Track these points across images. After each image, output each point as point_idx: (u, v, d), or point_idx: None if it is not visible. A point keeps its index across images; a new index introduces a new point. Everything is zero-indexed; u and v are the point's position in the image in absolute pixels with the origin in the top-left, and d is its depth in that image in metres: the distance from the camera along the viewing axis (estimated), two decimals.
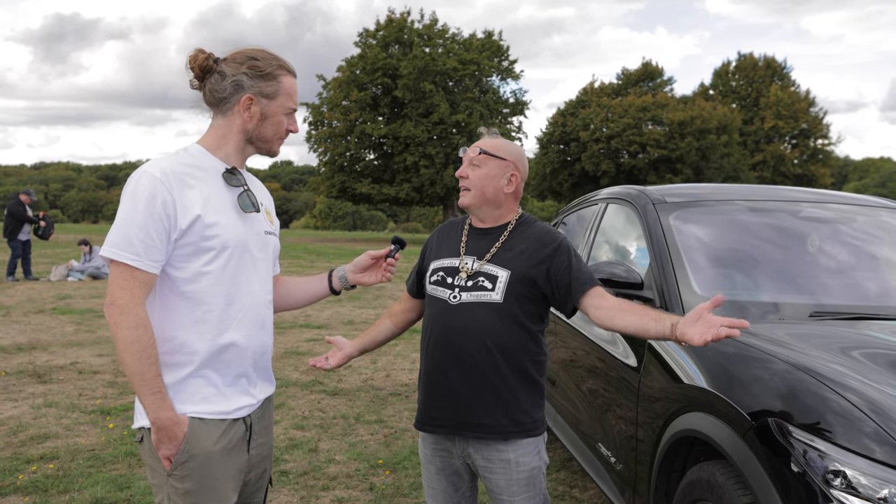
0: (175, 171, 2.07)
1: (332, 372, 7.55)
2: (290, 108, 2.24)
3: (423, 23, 45.37)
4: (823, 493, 1.99)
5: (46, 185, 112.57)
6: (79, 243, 16.56)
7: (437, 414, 2.59)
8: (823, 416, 2.12)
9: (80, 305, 12.01)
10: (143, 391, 2.00)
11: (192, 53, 2.19)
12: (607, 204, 4.50)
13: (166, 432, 2.03)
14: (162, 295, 2.09)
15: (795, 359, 2.39)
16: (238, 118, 2.19)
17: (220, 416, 2.13)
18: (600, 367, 3.68)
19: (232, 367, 2.15)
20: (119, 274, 2.00)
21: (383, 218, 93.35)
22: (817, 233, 3.61)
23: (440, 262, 2.63)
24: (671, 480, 2.85)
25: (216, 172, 2.17)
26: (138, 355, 1.98)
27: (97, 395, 6.47)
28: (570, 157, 51.26)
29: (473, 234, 2.65)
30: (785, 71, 56.68)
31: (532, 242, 2.55)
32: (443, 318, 2.54)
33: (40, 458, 4.84)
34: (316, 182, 48.31)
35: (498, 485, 2.55)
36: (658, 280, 3.31)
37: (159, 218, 2.01)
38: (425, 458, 2.74)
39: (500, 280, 2.50)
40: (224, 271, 2.12)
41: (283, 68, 2.21)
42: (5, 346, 8.54)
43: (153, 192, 2.01)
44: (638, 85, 54.64)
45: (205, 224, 2.06)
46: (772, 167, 53.20)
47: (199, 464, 2.08)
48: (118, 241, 2.00)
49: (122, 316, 1.98)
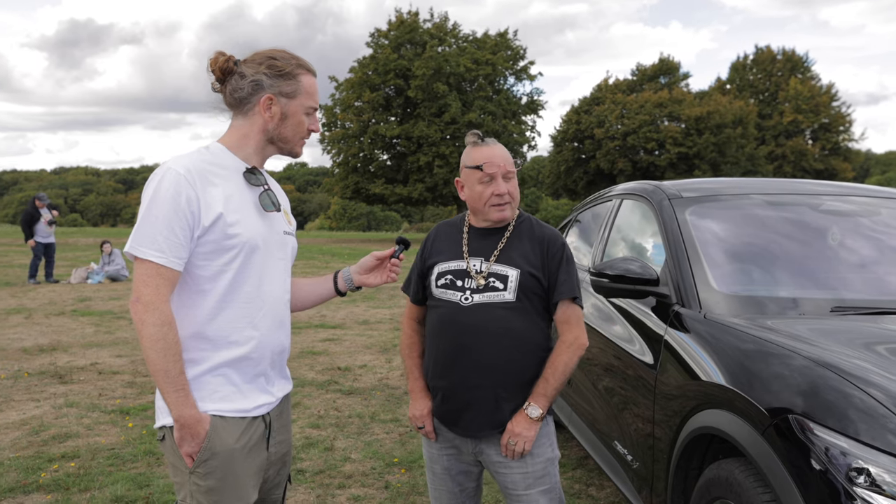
0: (198, 169, 2.07)
1: (347, 371, 7.56)
2: (310, 108, 2.24)
3: (433, 22, 45.30)
4: (846, 490, 1.95)
5: (66, 189, 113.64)
6: (101, 244, 16.73)
7: (454, 417, 2.59)
8: (846, 413, 2.08)
9: (99, 307, 12.10)
10: (166, 388, 2.00)
11: (213, 56, 2.20)
12: (622, 200, 4.46)
13: (189, 430, 2.04)
14: (182, 292, 2.09)
15: (817, 354, 2.35)
16: (259, 118, 2.19)
17: (240, 414, 2.13)
18: (616, 365, 3.65)
19: (251, 366, 2.16)
20: (144, 271, 2.00)
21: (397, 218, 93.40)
22: (838, 226, 3.55)
23: (445, 266, 2.61)
24: (689, 478, 2.81)
25: (237, 171, 2.17)
26: (163, 352, 1.98)
27: (117, 395, 6.52)
28: (584, 155, 51.06)
29: (475, 234, 2.64)
30: (806, 64, 55.95)
31: (534, 240, 2.60)
32: (456, 321, 2.53)
33: (62, 456, 4.88)
34: (330, 183, 48.40)
35: (514, 480, 2.56)
36: (674, 276, 3.28)
37: (183, 215, 2.01)
38: (431, 458, 2.73)
39: (511, 279, 2.53)
40: (244, 270, 2.12)
41: (302, 67, 2.21)
42: (27, 347, 8.62)
43: (178, 189, 2.01)
44: (653, 81, 54.31)
45: (226, 222, 2.07)
46: (792, 162, 52.60)
47: (221, 461, 2.08)
48: (143, 238, 2.00)
49: (147, 313, 1.97)
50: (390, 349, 8.84)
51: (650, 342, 3.26)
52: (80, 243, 30.35)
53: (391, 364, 7.99)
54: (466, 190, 2.62)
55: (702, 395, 2.69)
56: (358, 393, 6.70)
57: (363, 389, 6.83)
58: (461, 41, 45.14)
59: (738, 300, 3.03)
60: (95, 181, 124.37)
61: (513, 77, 46.08)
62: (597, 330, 3.98)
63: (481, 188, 2.55)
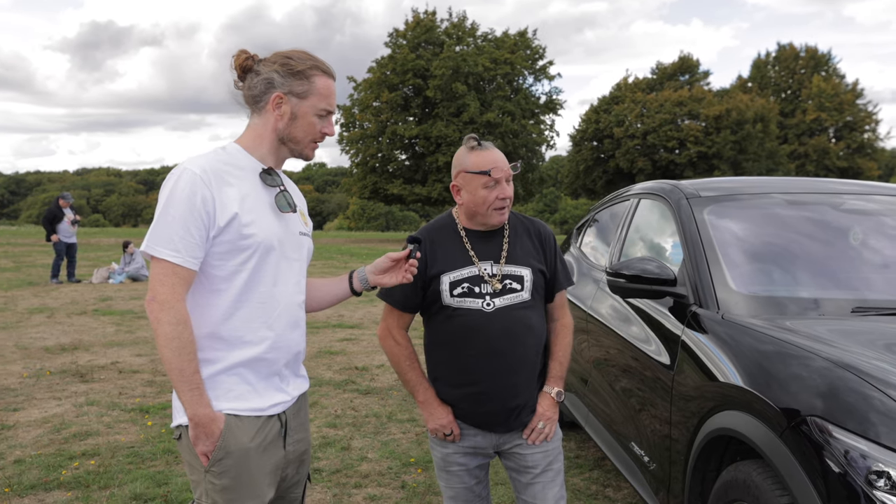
0: (214, 169, 2.07)
1: (364, 371, 7.57)
2: (323, 110, 2.21)
3: (451, 21, 45.30)
4: (866, 494, 1.93)
5: (88, 190, 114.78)
6: (124, 244, 16.89)
7: (489, 419, 2.62)
8: (866, 415, 2.05)
9: (120, 307, 12.20)
10: (181, 387, 2.01)
11: (235, 54, 2.21)
12: (640, 199, 4.43)
13: (203, 428, 2.04)
14: (197, 292, 2.09)
15: (836, 356, 2.32)
16: (270, 117, 2.19)
17: (254, 412, 2.13)
18: (634, 366, 3.63)
19: (265, 365, 2.15)
20: (160, 270, 2.01)
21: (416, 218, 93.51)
22: (860, 225, 3.50)
23: (457, 274, 2.59)
24: (706, 480, 2.79)
25: (253, 172, 2.17)
26: (178, 351, 1.99)
27: (136, 393, 6.56)
28: (603, 154, 50.89)
29: (474, 237, 2.64)
30: (831, 62, 55.24)
31: (531, 235, 2.69)
32: (482, 327, 2.54)
33: (82, 454, 4.93)
34: (348, 183, 48.54)
35: (535, 459, 2.65)
36: (692, 276, 3.25)
37: (199, 215, 2.01)
38: (445, 458, 2.73)
39: (527, 278, 2.59)
40: (259, 270, 2.12)
41: (317, 69, 2.19)
42: (49, 346, 8.70)
43: (193, 189, 2.01)
44: (673, 79, 53.99)
45: (242, 223, 2.07)
46: (815, 161, 52.01)
47: (236, 460, 2.08)
48: (159, 237, 2.01)
49: (162, 312, 1.98)
50: None
51: (667, 343, 3.23)
52: (101, 243, 30.66)
53: None
54: (466, 194, 2.59)
55: (719, 396, 2.66)
56: (375, 393, 6.71)
57: (380, 389, 6.84)
58: (479, 40, 45.10)
59: (757, 300, 3.00)
60: (117, 182, 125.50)
61: (532, 76, 45.98)
62: (613, 330, 3.95)
63: (485, 192, 2.54)
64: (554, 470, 2.67)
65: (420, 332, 2.82)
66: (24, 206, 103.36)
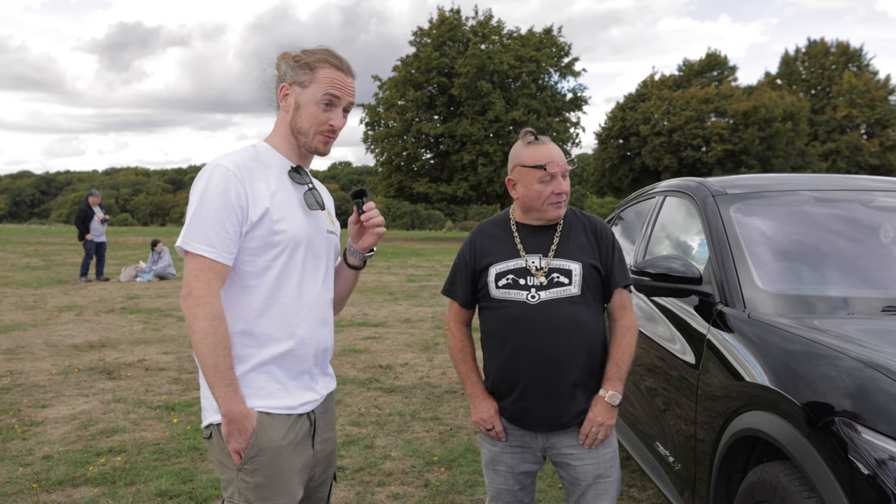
0: (246, 165, 2.09)
1: (388, 369, 7.58)
2: (325, 96, 2.16)
3: (476, 19, 45.27)
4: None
5: (117, 189, 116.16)
6: (153, 243, 17.11)
7: (529, 414, 2.58)
8: None
9: (147, 305, 12.33)
10: (216, 383, 2.01)
11: (282, 54, 2.23)
12: (665, 197, 4.38)
13: (237, 425, 2.03)
14: (228, 288, 2.09)
15: (866, 355, 2.27)
16: (283, 111, 2.22)
17: (286, 410, 2.13)
18: (658, 365, 3.59)
19: (295, 363, 2.16)
20: (195, 265, 2.01)
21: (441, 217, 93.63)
22: (890, 223, 3.42)
23: (503, 265, 2.59)
24: (732, 481, 2.74)
25: (282, 170, 2.19)
26: (213, 346, 1.98)
27: (162, 391, 6.63)
28: (629, 152, 50.57)
29: (526, 231, 2.63)
30: (862, 57, 54.31)
31: (587, 231, 2.63)
32: (525, 319, 2.52)
33: (109, 451, 4.98)
34: (374, 182, 48.68)
35: (585, 470, 2.59)
36: (718, 274, 3.20)
37: (233, 210, 2.03)
38: (493, 457, 2.71)
39: (575, 273, 2.55)
40: (289, 267, 2.13)
41: (326, 62, 2.18)
42: (78, 344, 8.82)
43: (227, 185, 2.03)
44: (700, 76, 53.50)
45: (273, 219, 2.08)
46: (847, 157, 51.20)
47: (269, 458, 2.08)
48: (194, 233, 2.02)
49: (198, 307, 1.98)
50: (431, 347, 8.84)
51: (692, 342, 3.20)
52: (129, 242, 31.02)
53: (432, 362, 7.99)
54: (521, 188, 2.59)
55: (745, 396, 2.62)
56: (399, 391, 6.71)
57: (404, 388, 6.84)
58: (505, 38, 45.01)
59: (785, 299, 2.95)
60: (145, 181, 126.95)
61: (557, 73, 45.83)
62: (639, 330, 3.91)
63: (541, 187, 2.54)
64: (606, 482, 2.61)
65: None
66: (55, 205, 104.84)
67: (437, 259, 24.21)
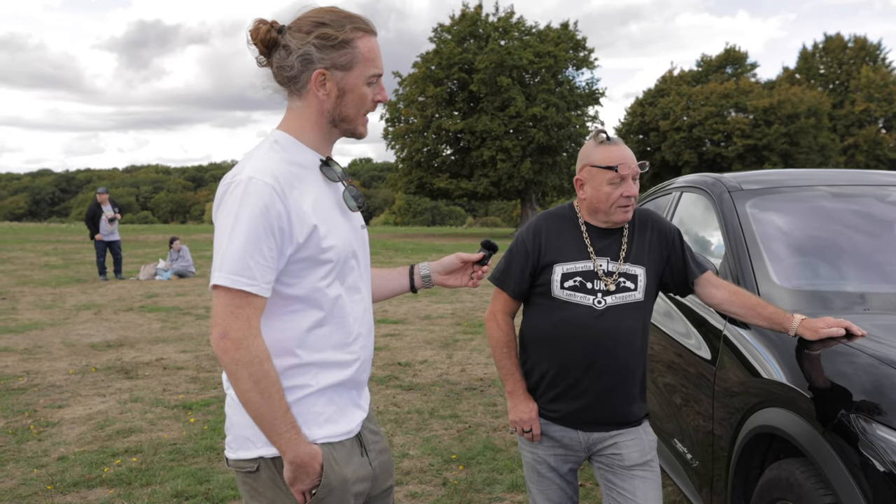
0: (283, 174, 1.79)
1: (407, 367, 7.58)
2: (373, 76, 1.90)
3: (497, 16, 45.25)
4: None
5: (137, 187, 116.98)
6: (171, 241, 17.11)
7: (584, 417, 2.55)
8: None
9: (166, 303, 12.41)
10: (277, 430, 1.75)
11: (253, 26, 1.87)
12: (682, 193, 4.35)
13: (305, 468, 1.80)
14: (271, 316, 1.82)
15: (882, 352, 2.25)
16: (314, 99, 1.87)
17: (346, 436, 1.93)
18: (676, 362, 3.57)
19: (350, 381, 1.94)
20: (230, 301, 1.71)
21: (461, 213, 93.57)
22: None
23: (571, 266, 2.53)
24: (749, 478, 2.73)
25: (314, 168, 1.90)
26: (267, 393, 1.72)
27: (180, 390, 6.66)
28: (649, 147, 50.30)
29: (595, 233, 2.58)
30: (879, 52, 53.95)
31: (653, 234, 2.60)
32: (591, 325, 2.48)
33: (125, 451, 5.01)
34: (394, 178, 48.74)
35: (630, 457, 2.55)
36: (734, 270, 3.18)
37: (273, 233, 1.74)
38: (536, 459, 2.67)
39: (640, 278, 2.53)
40: (337, 281, 1.89)
41: (358, 29, 1.87)
42: (96, 343, 8.89)
43: (266, 204, 1.73)
44: (719, 71, 53.15)
45: (321, 235, 1.82)
46: (866, 152, 50.82)
47: (337, 497, 1.87)
48: (233, 265, 1.71)
49: (239, 351, 1.70)
50: (451, 344, 8.84)
51: (709, 338, 3.18)
52: (149, 240, 31.24)
53: (452, 359, 7.99)
54: (589, 189, 2.54)
55: (762, 392, 2.61)
56: (417, 389, 6.71)
57: (423, 385, 6.84)
58: (524, 34, 44.94)
59: (801, 295, 2.93)
60: (165, 179, 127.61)
61: (573, 67, 45.65)
62: (656, 326, 3.89)
63: (610, 189, 2.49)
64: (653, 470, 2.58)
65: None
66: (75, 203, 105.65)
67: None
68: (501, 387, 6.73)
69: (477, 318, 10.83)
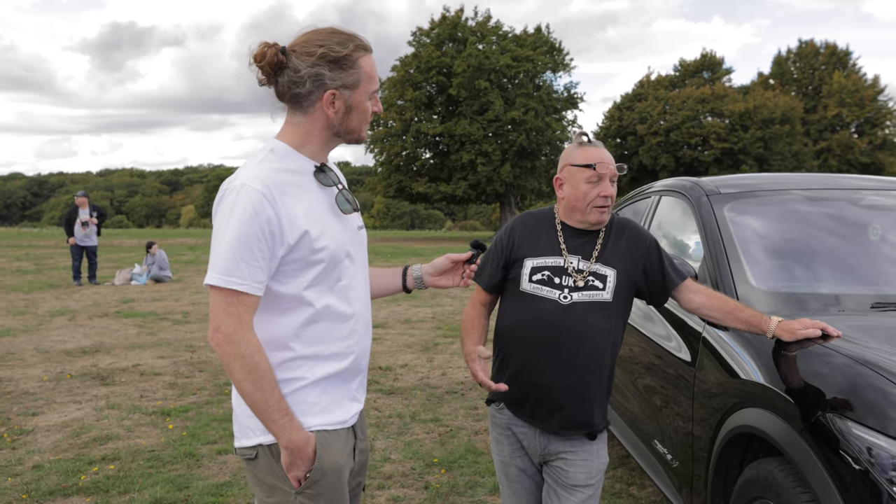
0: (275, 182, 1.91)
1: (388, 371, 7.58)
2: (373, 91, 2.06)
3: (476, 20, 45.38)
4: (888, 491, 1.91)
5: (111, 191, 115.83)
6: (147, 246, 16.94)
7: (544, 414, 2.54)
8: (886, 412, 2.03)
9: (142, 309, 12.28)
10: (270, 416, 1.88)
11: (259, 50, 1.97)
12: (661, 196, 4.40)
13: (299, 453, 1.92)
14: (266, 314, 1.96)
15: (856, 352, 2.30)
16: (321, 115, 2.01)
17: (341, 425, 2.04)
18: (656, 364, 3.61)
19: (346, 375, 2.06)
20: (223, 299, 1.86)
21: (441, 216, 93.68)
22: (879, 221, 3.47)
23: (541, 261, 2.56)
24: (728, 478, 2.77)
25: (309, 174, 2.03)
26: (258, 383, 1.86)
27: (158, 396, 6.60)
28: (627, 151, 50.66)
29: (570, 232, 2.61)
30: (850, 58, 54.83)
31: (629, 241, 2.61)
32: (555, 319, 2.48)
33: (102, 458, 4.94)
34: (373, 182, 48.72)
35: (576, 477, 2.55)
36: (712, 273, 3.22)
37: (264, 237, 1.87)
38: (504, 462, 2.69)
39: (610, 279, 2.53)
40: (331, 281, 2.00)
41: (360, 48, 2.01)
42: (70, 349, 8.76)
43: (256, 209, 1.86)
44: (696, 76, 53.68)
45: (312, 237, 1.93)
46: (838, 156, 51.61)
47: (331, 480, 1.99)
48: (225, 266, 1.85)
49: (230, 345, 1.85)
50: (432, 348, 8.85)
51: (689, 340, 3.22)
52: (124, 245, 30.95)
53: (432, 363, 7.99)
54: (568, 188, 2.57)
55: (741, 393, 2.65)
56: (398, 393, 6.71)
57: (403, 389, 6.84)
58: (501, 38, 45.09)
59: (777, 297, 2.98)
60: (140, 182, 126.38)
61: (551, 70, 45.88)
62: (636, 328, 3.93)
63: (587, 188, 2.52)
64: (595, 494, 2.58)
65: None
66: (47, 207, 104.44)
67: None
68: (482, 390, 6.74)
69: (457, 321, 10.84)
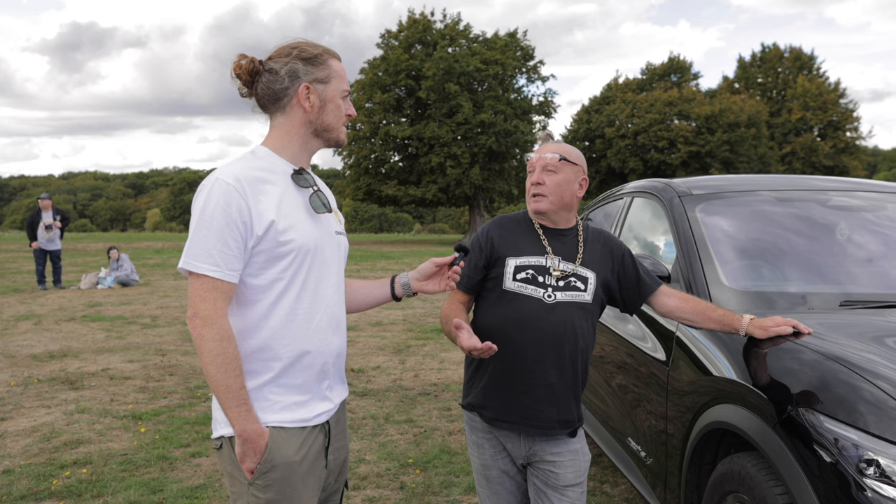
0: (247, 177, 2.02)
1: (361, 373, 7.58)
2: (344, 91, 2.18)
3: (445, 23, 45.43)
4: (857, 482, 1.97)
5: (74, 194, 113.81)
6: (108, 250, 16.69)
7: (528, 413, 2.54)
8: (855, 406, 2.10)
9: (109, 312, 12.12)
10: (228, 403, 1.97)
11: (236, 62, 2.13)
12: (633, 198, 4.46)
13: (251, 444, 2.00)
14: (238, 304, 2.06)
15: (826, 348, 2.36)
16: (298, 111, 2.14)
17: (300, 423, 2.10)
18: (629, 363, 3.66)
19: (310, 373, 2.11)
20: (200, 286, 1.96)
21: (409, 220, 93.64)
22: (846, 221, 3.56)
23: (524, 260, 2.58)
24: (702, 474, 2.83)
25: (285, 175, 2.12)
26: (223, 367, 1.95)
27: (129, 400, 6.54)
28: (595, 154, 51.00)
29: (549, 234, 2.64)
30: (813, 62, 55.80)
31: (604, 248, 2.67)
32: (540, 318, 2.50)
33: (74, 463, 4.89)
34: (341, 185, 48.47)
35: (566, 478, 2.57)
36: (685, 273, 3.28)
37: (235, 226, 1.97)
38: (485, 465, 2.69)
39: (590, 281, 2.58)
40: (299, 277, 2.08)
41: (329, 54, 2.17)
42: (37, 353, 8.63)
43: (227, 200, 1.97)
44: (663, 79, 54.22)
45: (278, 230, 2.02)
46: (802, 159, 52.46)
47: (281, 474, 2.04)
48: (197, 252, 1.96)
49: (205, 328, 1.94)
50: (403, 350, 8.86)
51: (662, 339, 3.27)
52: (89, 248, 30.50)
53: (405, 365, 8.01)
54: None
55: (714, 390, 2.70)
56: (372, 394, 6.72)
57: (377, 391, 6.85)
58: (471, 42, 45.17)
59: (748, 296, 3.04)
60: (104, 186, 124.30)
61: (524, 77, 46.06)
62: (609, 328, 3.98)
63: (528, 180, 2.63)
64: (583, 491, 2.62)
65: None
66: (8, 211, 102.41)
67: (406, 262, 24.19)
68: (456, 391, 6.78)
69: (428, 324, 10.87)
